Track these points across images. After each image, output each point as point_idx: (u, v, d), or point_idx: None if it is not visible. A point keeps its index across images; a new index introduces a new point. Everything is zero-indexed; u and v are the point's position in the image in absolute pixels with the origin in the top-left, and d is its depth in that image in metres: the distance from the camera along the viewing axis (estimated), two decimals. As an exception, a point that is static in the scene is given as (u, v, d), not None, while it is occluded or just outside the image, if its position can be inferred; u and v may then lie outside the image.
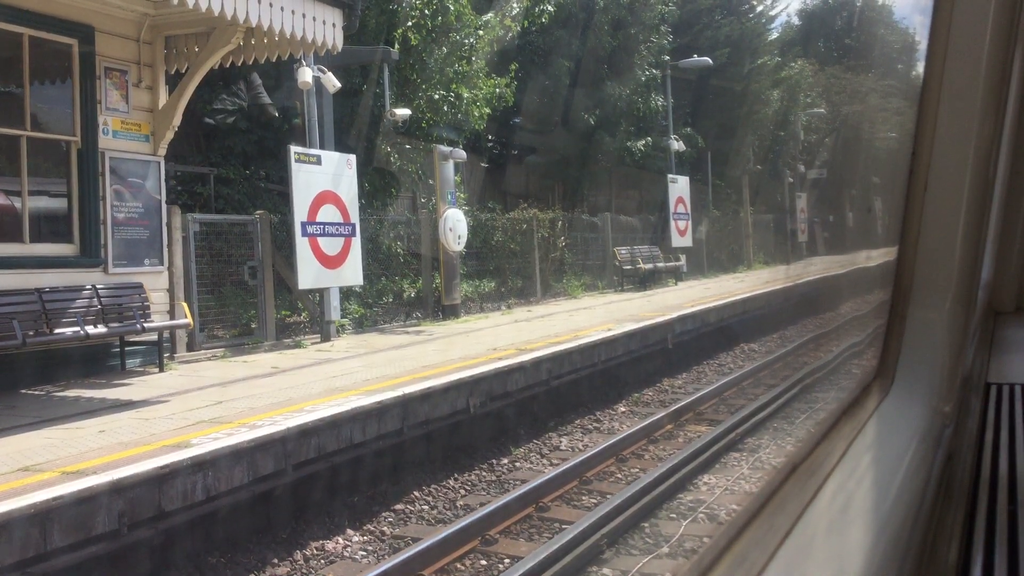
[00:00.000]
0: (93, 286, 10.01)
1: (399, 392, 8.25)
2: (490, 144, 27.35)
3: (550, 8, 21.88)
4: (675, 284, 24.72)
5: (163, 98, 11.13)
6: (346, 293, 14.68)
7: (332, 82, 12.99)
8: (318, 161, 12.95)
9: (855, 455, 1.71)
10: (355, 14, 11.42)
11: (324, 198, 12.91)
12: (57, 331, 9.35)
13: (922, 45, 2.07)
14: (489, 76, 18.54)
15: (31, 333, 9.01)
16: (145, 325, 10.17)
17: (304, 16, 10.49)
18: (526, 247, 20.49)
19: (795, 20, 50.58)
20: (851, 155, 40.50)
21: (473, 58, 17.77)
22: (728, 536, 1.39)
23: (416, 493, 7.94)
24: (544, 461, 9.08)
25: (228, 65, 11.69)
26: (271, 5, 9.93)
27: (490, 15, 19.36)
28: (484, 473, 8.69)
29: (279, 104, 16.76)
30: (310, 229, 12.60)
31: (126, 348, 10.56)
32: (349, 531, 7.06)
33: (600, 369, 12.09)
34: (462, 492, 8.12)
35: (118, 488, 5.56)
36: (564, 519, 7.07)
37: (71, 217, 10.24)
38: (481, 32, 17.92)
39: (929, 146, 1.99)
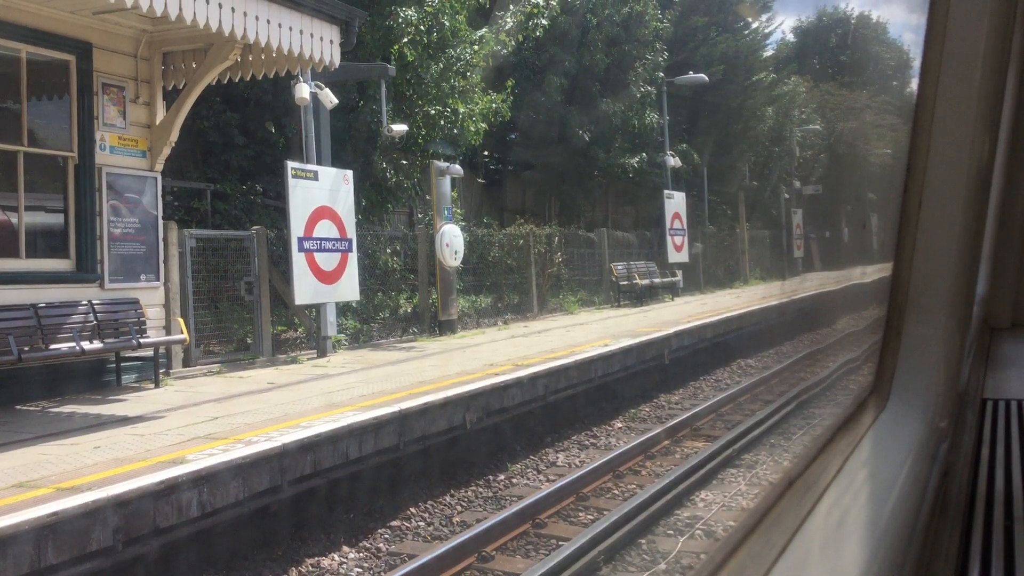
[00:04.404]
0: (89, 301, 10.00)
1: (395, 408, 8.24)
2: (486, 160, 27.44)
3: (544, 22, 21.97)
4: (672, 300, 24.73)
5: (160, 114, 11.15)
6: (343, 308, 14.68)
7: (329, 98, 13.02)
8: (315, 176, 12.97)
9: (851, 470, 1.71)
10: (352, 31, 11.46)
11: (321, 213, 12.92)
12: (53, 347, 9.32)
13: (916, 62, 2.08)
14: (485, 92, 18.61)
15: (27, 348, 8.99)
16: (141, 340, 10.15)
17: (302, 33, 10.54)
18: (523, 263, 20.51)
19: (790, 37, 50.94)
20: (846, 171, 40.64)
21: (469, 73, 17.83)
22: (725, 552, 1.40)
23: (412, 509, 7.92)
24: (541, 477, 9.06)
25: (226, 81, 11.71)
26: (269, 22, 9.97)
27: (484, 30, 19.43)
28: (481, 489, 8.66)
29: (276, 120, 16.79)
30: (307, 244, 12.61)
31: (122, 364, 10.54)
32: (345, 547, 7.03)
33: (597, 385, 12.08)
34: (459, 508, 8.09)
35: (113, 504, 5.53)
36: (561, 535, 7.05)
37: (68, 232, 10.23)
38: (476, 47, 17.99)
39: (924, 162, 2.00)
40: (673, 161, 26.81)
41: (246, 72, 11.39)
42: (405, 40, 16.36)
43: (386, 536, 7.35)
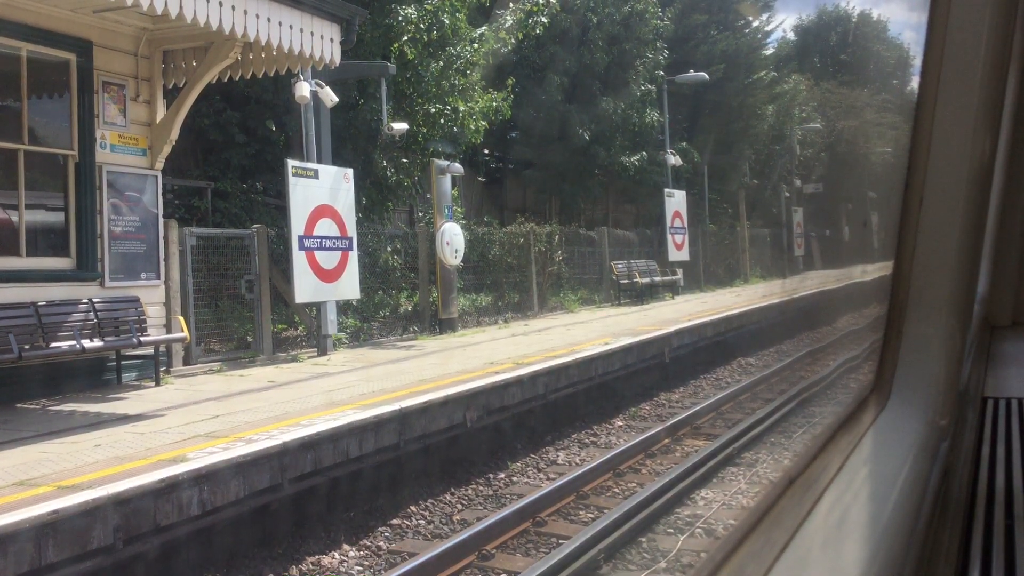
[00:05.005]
0: (90, 300, 10.00)
1: (396, 406, 8.24)
2: (487, 158, 27.44)
3: (544, 20, 21.96)
4: (672, 298, 24.73)
5: (161, 112, 11.15)
6: (343, 307, 14.67)
7: (330, 96, 13.02)
8: (315, 175, 12.97)
9: (852, 469, 1.71)
10: (353, 29, 11.46)
11: (321, 212, 12.92)
12: (53, 345, 9.33)
13: (917, 60, 2.08)
14: (486, 90, 18.60)
15: (27, 347, 8.99)
16: (141, 339, 10.15)
17: (302, 31, 10.53)
18: (523, 261, 20.51)
19: (791, 35, 50.92)
20: (847, 170, 40.62)
21: (469, 71, 17.83)
22: (725, 550, 1.39)
23: (413, 508, 7.92)
24: (541, 475, 9.06)
25: (226, 79, 11.71)
26: (269, 20, 9.97)
27: (484, 28, 19.43)
28: (481, 487, 8.66)
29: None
30: (307, 243, 12.61)
31: (122, 362, 10.54)
32: (345, 546, 7.04)
33: (597, 383, 12.08)
34: (459, 507, 8.09)
35: (114, 502, 5.54)
36: (561, 534, 7.05)
37: (68, 231, 10.24)
38: (476, 45, 17.98)
39: (924, 160, 2.00)
40: (673, 159, 26.81)
41: (246, 70, 11.39)
42: (405, 38, 16.36)
43: (386, 534, 7.35)
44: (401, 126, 15.51)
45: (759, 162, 36.42)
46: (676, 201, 25.95)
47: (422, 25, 16.50)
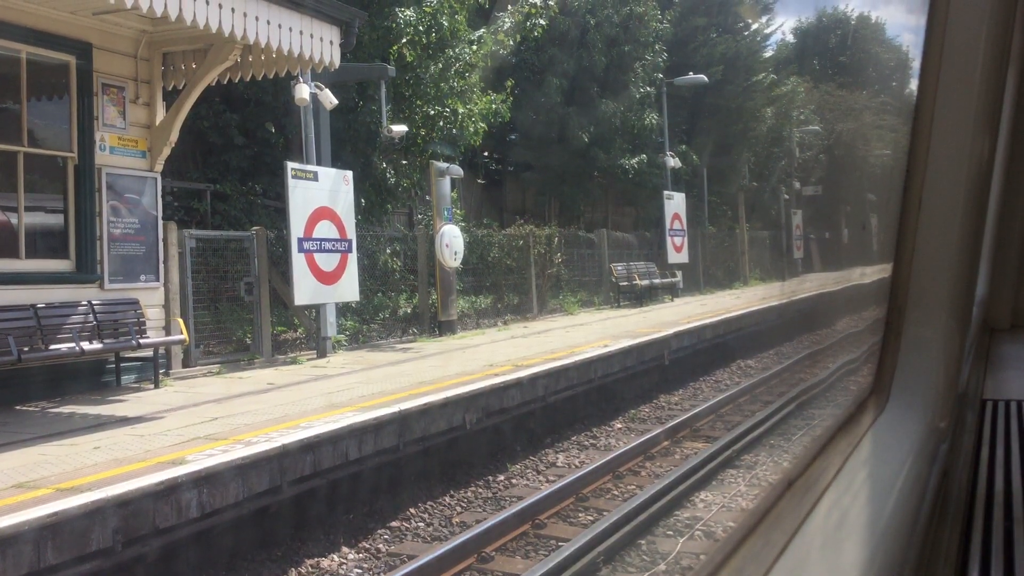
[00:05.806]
0: (89, 302, 9.99)
1: (395, 408, 8.24)
2: (486, 161, 27.45)
3: (542, 23, 21.98)
4: (671, 300, 24.73)
5: (160, 114, 11.15)
6: (342, 309, 14.67)
7: (329, 99, 13.02)
8: (315, 177, 12.97)
9: (851, 471, 1.71)
10: (352, 31, 11.47)
11: (321, 214, 12.92)
12: (52, 347, 9.32)
13: (916, 63, 2.08)
14: (485, 92, 18.61)
15: (26, 349, 8.98)
16: (140, 341, 10.14)
17: (302, 33, 10.54)
18: (522, 263, 20.51)
19: (790, 38, 50.95)
20: (846, 172, 40.64)
21: (468, 73, 17.84)
22: (724, 552, 1.40)
23: (412, 510, 7.92)
24: (540, 478, 9.06)
25: (226, 82, 11.71)
26: (269, 22, 9.98)
27: (483, 30, 19.44)
28: (480, 490, 8.66)
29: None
30: (307, 245, 12.61)
31: (122, 364, 10.53)
32: (344, 548, 7.03)
33: (597, 385, 12.08)
34: (458, 509, 8.09)
35: (113, 504, 5.53)
36: (560, 536, 7.05)
37: (67, 233, 10.23)
38: (474, 47, 17.99)
39: (923, 163, 2.00)
40: (673, 162, 26.83)
41: (246, 72, 11.39)
42: (404, 40, 16.37)
43: (386, 537, 7.35)
44: (400, 128, 15.52)
45: (758, 164, 36.44)
46: (675, 203, 25.96)
47: (421, 27, 16.51)
